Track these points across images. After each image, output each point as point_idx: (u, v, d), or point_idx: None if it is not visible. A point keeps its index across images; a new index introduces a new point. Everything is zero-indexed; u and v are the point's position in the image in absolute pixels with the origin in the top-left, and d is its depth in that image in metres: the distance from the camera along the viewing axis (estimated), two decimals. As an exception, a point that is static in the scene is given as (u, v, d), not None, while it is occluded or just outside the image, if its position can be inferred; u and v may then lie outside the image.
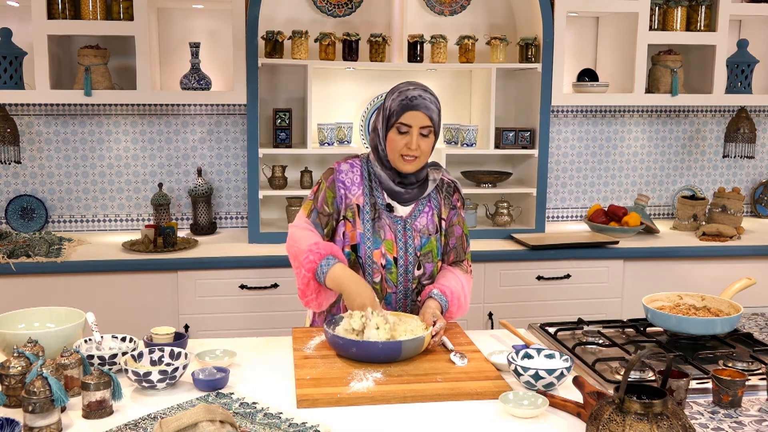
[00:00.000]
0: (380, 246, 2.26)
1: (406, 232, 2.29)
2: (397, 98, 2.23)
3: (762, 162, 4.40)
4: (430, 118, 2.21)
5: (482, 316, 3.53)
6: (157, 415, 1.74)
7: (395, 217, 2.30)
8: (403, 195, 2.29)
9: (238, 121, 3.87)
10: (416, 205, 2.33)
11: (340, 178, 2.30)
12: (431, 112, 2.21)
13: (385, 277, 2.27)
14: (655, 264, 3.64)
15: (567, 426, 1.73)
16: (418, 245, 2.29)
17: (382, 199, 2.30)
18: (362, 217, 2.27)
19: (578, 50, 4.15)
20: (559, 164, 4.18)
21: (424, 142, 2.22)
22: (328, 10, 3.84)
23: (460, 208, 2.41)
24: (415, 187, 2.30)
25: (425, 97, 2.22)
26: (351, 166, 2.33)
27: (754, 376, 1.95)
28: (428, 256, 2.31)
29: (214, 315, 3.34)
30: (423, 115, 2.20)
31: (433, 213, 2.34)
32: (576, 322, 2.43)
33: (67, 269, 3.23)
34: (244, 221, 3.95)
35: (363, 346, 1.99)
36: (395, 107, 2.22)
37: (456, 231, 2.38)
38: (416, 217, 2.31)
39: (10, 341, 1.94)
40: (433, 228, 2.32)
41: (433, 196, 2.36)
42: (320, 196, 2.30)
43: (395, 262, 2.27)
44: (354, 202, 2.29)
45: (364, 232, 2.26)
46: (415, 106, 2.20)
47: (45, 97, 3.45)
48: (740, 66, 3.95)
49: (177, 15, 3.79)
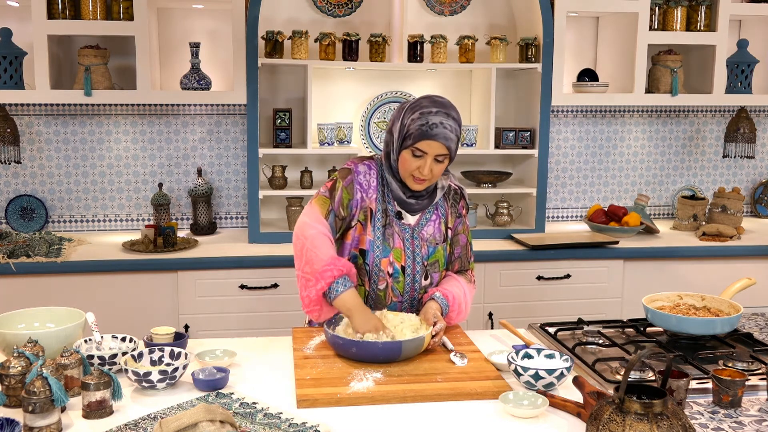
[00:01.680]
0: (389, 254, 2.23)
1: (414, 240, 2.26)
2: (417, 121, 2.13)
3: (762, 162, 4.40)
4: (448, 148, 2.14)
5: (482, 316, 3.53)
6: (157, 415, 1.74)
7: (404, 225, 2.27)
8: (413, 206, 2.26)
9: (238, 121, 3.87)
10: (423, 213, 2.30)
11: (358, 179, 2.23)
12: (450, 142, 2.14)
13: (391, 286, 2.24)
14: (655, 264, 3.64)
15: (567, 426, 1.73)
16: (426, 254, 2.27)
17: (393, 206, 2.27)
18: (374, 222, 2.23)
19: (578, 50, 4.15)
20: (559, 164, 4.18)
21: (438, 166, 2.16)
22: (328, 10, 3.84)
23: (465, 215, 2.38)
24: (425, 198, 2.27)
25: (446, 125, 2.13)
26: (368, 168, 2.26)
27: (754, 376, 1.95)
28: (435, 266, 2.29)
29: (214, 315, 3.34)
30: (440, 145, 2.13)
31: (440, 221, 2.31)
32: (576, 322, 2.43)
33: (67, 269, 3.23)
34: (244, 221, 3.95)
35: (363, 346, 1.99)
36: (413, 130, 2.13)
37: (461, 240, 2.36)
38: (423, 226, 2.28)
39: (10, 341, 1.94)
40: (440, 237, 2.30)
41: (440, 204, 2.33)
42: (337, 196, 2.20)
43: (402, 271, 2.25)
44: (368, 205, 2.24)
45: (374, 239, 2.22)
46: (434, 135, 2.12)
47: (45, 97, 3.45)
48: (740, 66, 3.95)
49: (177, 15, 3.79)
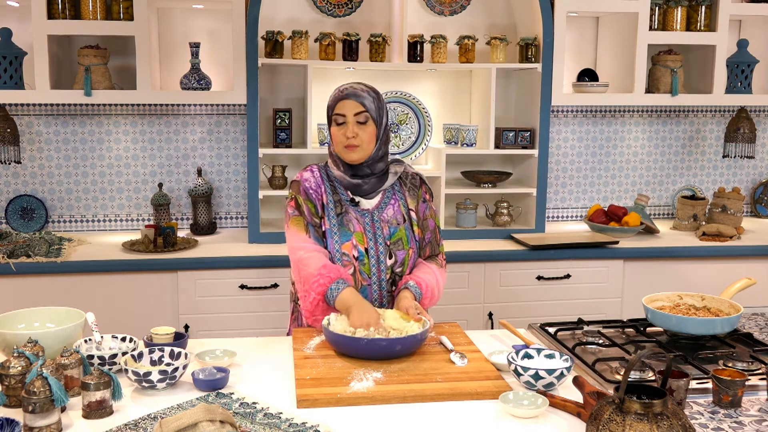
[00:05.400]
0: (351, 238, 2.32)
1: (375, 223, 2.36)
2: (332, 94, 2.35)
3: (762, 162, 4.40)
4: (362, 104, 2.29)
5: (482, 316, 3.53)
6: (157, 415, 1.74)
7: (362, 211, 2.37)
8: (362, 186, 2.36)
9: (238, 121, 3.87)
10: (382, 198, 2.40)
11: (306, 186, 2.37)
12: (362, 99, 2.29)
13: (358, 269, 2.32)
14: (655, 264, 3.64)
15: (567, 426, 1.73)
16: (388, 234, 2.36)
17: (346, 195, 2.38)
18: (327, 213, 2.35)
19: (578, 50, 4.15)
20: (559, 164, 4.18)
21: (363, 130, 2.29)
22: (328, 10, 3.84)
23: (430, 200, 2.47)
24: (373, 178, 2.36)
25: (355, 86, 2.32)
26: (311, 172, 2.41)
27: (754, 376, 1.95)
28: (398, 244, 2.37)
29: (214, 315, 3.34)
30: (354, 102, 2.29)
31: (398, 204, 2.41)
32: (576, 322, 2.43)
33: (67, 269, 3.23)
34: (244, 221, 3.95)
35: (347, 342, 2.03)
36: (330, 102, 2.34)
37: (430, 224, 2.46)
38: (383, 209, 2.39)
39: (10, 341, 1.94)
40: (401, 218, 2.40)
41: (397, 189, 2.43)
42: (305, 210, 2.35)
43: (366, 252, 2.32)
44: (321, 200, 2.36)
45: (330, 227, 2.33)
46: (345, 96, 2.30)
47: (45, 97, 3.45)
48: (740, 66, 3.95)
49: (177, 15, 3.79)
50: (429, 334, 2.17)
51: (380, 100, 2.35)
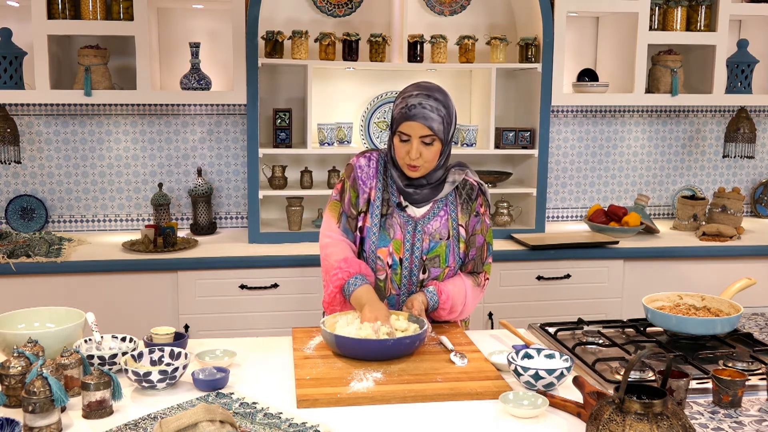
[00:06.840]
0: (388, 244, 2.25)
1: (416, 233, 2.26)
2: (399, 105, 2.19)
3: (762, 162, 4.40)
4: (429, 128, 2.14)
5: (482, 316, 3.53)
6: (157, 415, 1.74)
7: (407, 217, 2.27)
8: (412, 195, 2.25)
9: (238, 121, 3.87)
10: (432, 208, 2.29)
11: (359, 174, 2.28)
12: (430, 122, 2.14)
13: (390, 277, 2.27)
14: (655, 264, 3.64)
15: (567, 426, 1.73)
16: (426, 248, 2.26)
17: (396, 196, 2.28)
18: (372, 210, 2.26)
19: (578, 50, 4.15)
20: (559, 164, 4.18)
21: (427, 150, 2.17)
22: (328, 10, 3.84)
23: (485, 214, 2.33)
24: (426, 189, 2.25)
25: (425, 105, 2.14)
26: (368, 160, 2.31)
27: (754, 376, 1.95)
28: (435, 261, 2.28)
29: (214, 315, 3.34)
30: (420, 125, 2.14)
31: (448, 217, 2.29)
32: (576, 322, 2.43)
33: (67, 269, 3.23)
34: (244, 221, 3.95)
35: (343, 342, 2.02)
36: (396, 115, 2.19)
37: (477, 240, 2.33)
38: (429, 220, 2.28)
39: (10, 341, 1.94)
40: (446, 233, 2.28)
41: (450, 200, 2.31)
42: (346, 198, 2.29)
43: (401, 263, 2.26)
44: (368, 194, 2.28)
45: (371, 226, 2.25)
46: (412, 116, 2.14)
47: (45, 97, 3.45)
48: (740, 66, 3.95)
49: (177, 15, 3.79)
50: (424, 337, 2.12)
51: (450, 113, 2.19)
